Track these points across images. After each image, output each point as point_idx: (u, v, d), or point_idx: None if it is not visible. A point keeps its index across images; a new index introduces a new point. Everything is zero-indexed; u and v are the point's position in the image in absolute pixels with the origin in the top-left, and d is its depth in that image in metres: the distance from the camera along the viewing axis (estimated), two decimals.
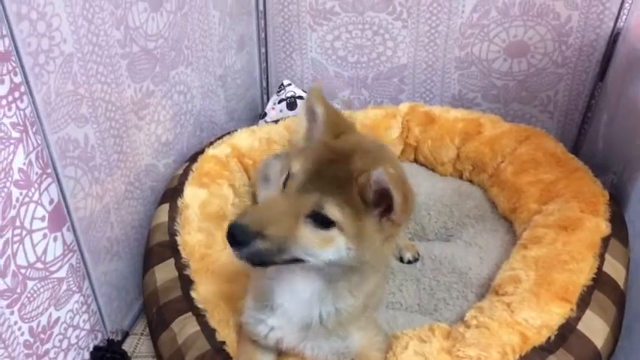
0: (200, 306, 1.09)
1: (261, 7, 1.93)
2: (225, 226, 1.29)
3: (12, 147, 0.92)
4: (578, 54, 1.75)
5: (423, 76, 1.91)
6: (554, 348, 1.00)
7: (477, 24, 1.77)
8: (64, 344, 1.11)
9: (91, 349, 1.19)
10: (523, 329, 1.01)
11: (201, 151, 1.50)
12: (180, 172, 1.41)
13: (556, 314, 1.04)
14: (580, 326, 1.04)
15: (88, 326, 1.18)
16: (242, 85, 1.95)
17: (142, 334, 1.30)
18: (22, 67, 0.93)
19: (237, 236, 0.80)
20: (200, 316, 1.08)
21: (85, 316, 1.16)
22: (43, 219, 1.01)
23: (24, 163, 0.94)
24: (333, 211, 0.81)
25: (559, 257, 1.16)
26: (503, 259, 1.27)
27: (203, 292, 1.11)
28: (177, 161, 1.51)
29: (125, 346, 1.25)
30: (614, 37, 1.68)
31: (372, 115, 1.74)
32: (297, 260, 0.85)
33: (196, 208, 1.29)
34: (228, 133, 1.62)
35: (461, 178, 1.69)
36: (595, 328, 1.05)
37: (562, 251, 1.17)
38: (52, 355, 1.07)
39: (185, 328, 1.08)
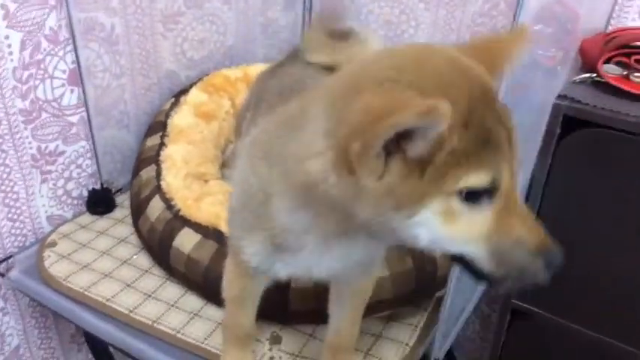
0: (160, 158, 1.43)
1: None
2: (215, 125, 1.63)
3: (47, 10, 1.30)
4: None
5: None
6: None
7: (487, 14, 1.98)
8: (66, 174, 1.48)
9: (89, 188, 1.57)
10: None
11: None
12: (196, 80, 1.75)
13: None
14: None
15: (89, 170, 1.54)
16: (285, 40, 2.26)
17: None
18: None
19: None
20: (158, 166, 1.41)
21: (88, 162, 1.53)
22: (64, 72, 1.39)
23: (55, 25, 1.32)
24: None
25: None
26: None
27: (168, 151, 1.45)
28: (200, 76, 1.84)
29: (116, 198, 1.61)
30: None
31: None
32: None
33: (192, 105, 1.63)
34: (247, 63, 1.94)
35: None
36: None
37: None
38: (53, 176, 1.45)
39: (147, 175, 1.42)
